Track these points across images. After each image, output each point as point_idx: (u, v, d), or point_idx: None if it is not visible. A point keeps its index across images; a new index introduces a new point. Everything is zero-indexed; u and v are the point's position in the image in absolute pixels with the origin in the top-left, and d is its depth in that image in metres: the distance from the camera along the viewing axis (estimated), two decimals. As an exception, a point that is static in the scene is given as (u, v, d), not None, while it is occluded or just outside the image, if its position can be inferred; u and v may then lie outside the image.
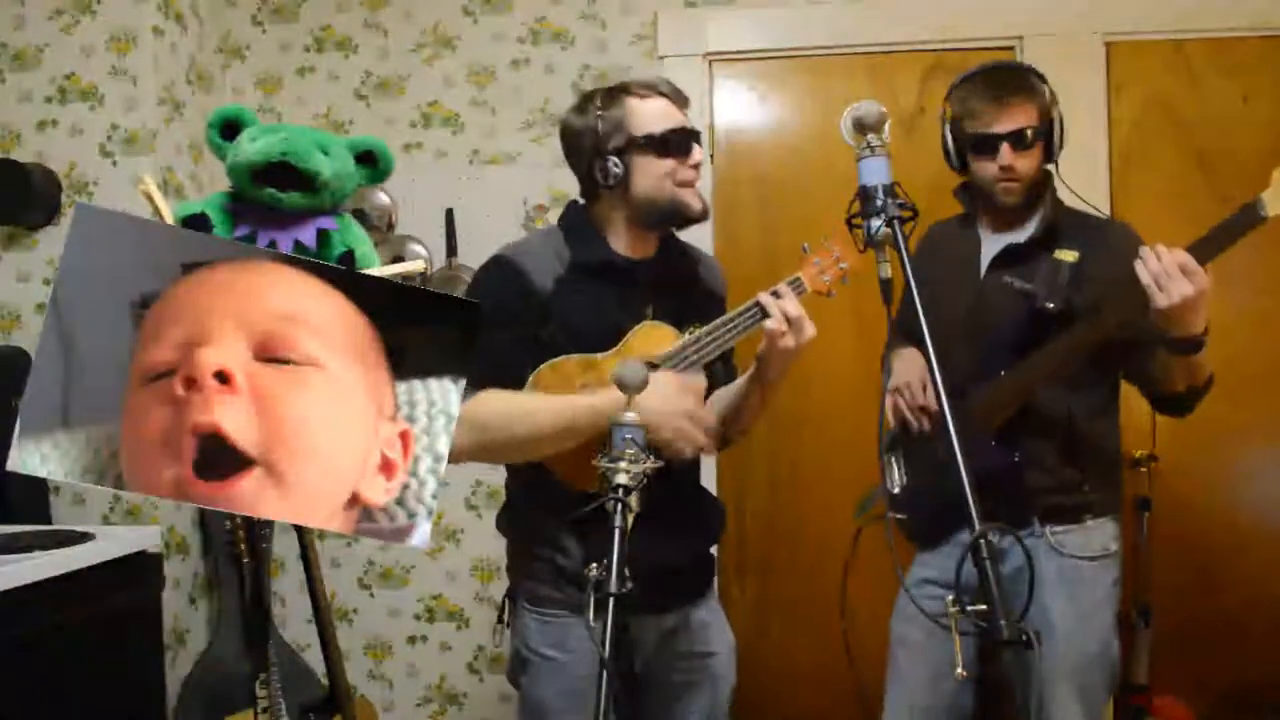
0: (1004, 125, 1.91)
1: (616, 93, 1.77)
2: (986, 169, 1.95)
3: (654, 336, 1.76)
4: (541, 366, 1.70)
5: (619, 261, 1.79)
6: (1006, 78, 1.97)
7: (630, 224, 1.79)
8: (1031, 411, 1.92)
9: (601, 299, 1.75)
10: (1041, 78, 1.98)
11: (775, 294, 1.71)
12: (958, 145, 2.00)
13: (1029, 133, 1.91)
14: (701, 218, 1.79)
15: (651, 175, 1.74)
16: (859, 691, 2.01)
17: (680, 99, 1.79)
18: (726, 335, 1.74)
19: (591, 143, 1.75)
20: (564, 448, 1.65)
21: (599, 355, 1.72)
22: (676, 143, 1.74)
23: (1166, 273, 1.70)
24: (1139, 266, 1.72)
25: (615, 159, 1.73)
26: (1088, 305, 1.87)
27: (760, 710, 2.80)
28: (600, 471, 1.34)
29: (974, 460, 1.21)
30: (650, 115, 1.74)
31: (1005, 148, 1.91)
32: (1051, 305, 1.88)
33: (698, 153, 1.77)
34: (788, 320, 1.67)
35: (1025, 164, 1.93)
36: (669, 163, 1.74)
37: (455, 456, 1.34)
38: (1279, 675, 2.67)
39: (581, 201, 1.86)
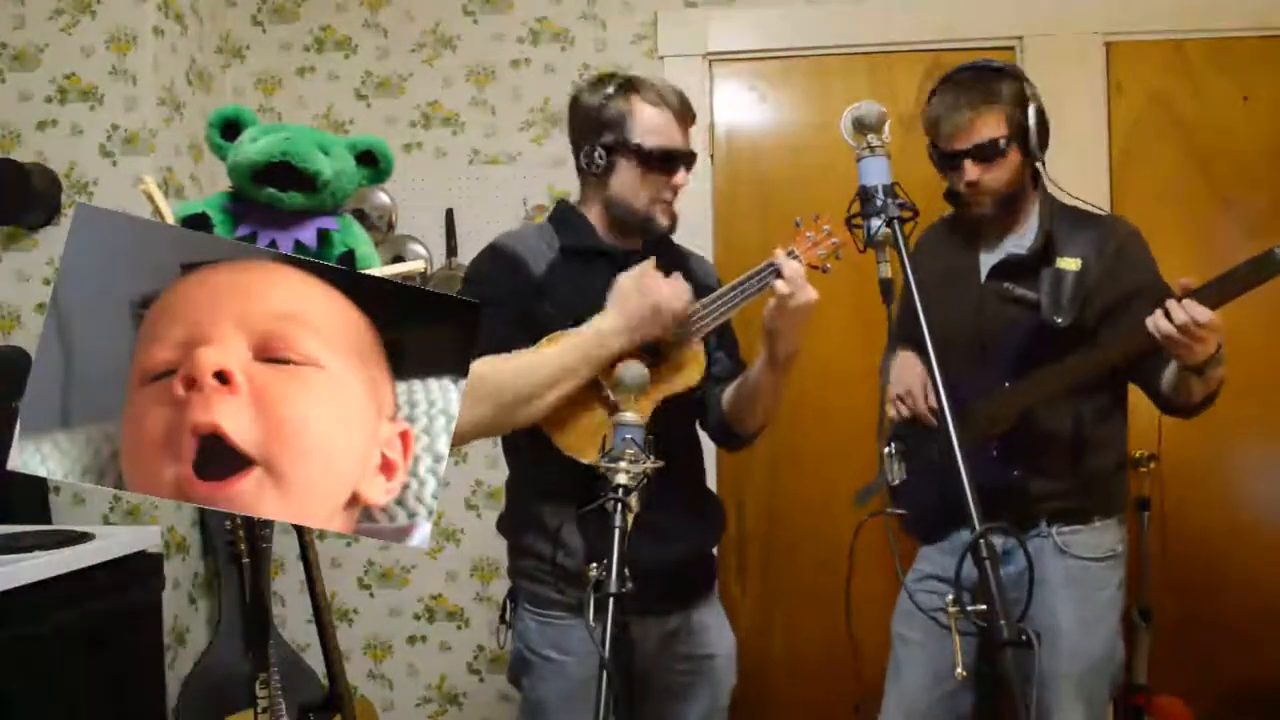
0: (964, 141, 1.88)
1: (631, 87, 1.77)
2: (955, 183, 1.95)
3: None
4: (539, 343, 1.70)
5: (608, 248, 1.80)
6: (969, 86, 1.91)
7: (606, 216, 1.81)
8: (1037, 418, 1.91)
9: (593, 281, 1.75)
10: (1014, 75, 1.93)
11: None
12: (931, 156, 1.99)
13: (998, 142, 1.88)
14: (668, 233, 1.82)
15: (630, 183, 1.76)
16: (861, 689, 2.01)
17: (687, 115, 1.79)
18: (738, 297, 1.73)
19: (590, 125, 1.77)
20: (566, 390, 1.65)
21: None
22: (665, 163, 1.75)
23: (1184, 332, 1.68)
24: (1151, 324, 1.71)
25: (603, 151, 1.75)
26: (1093, 319, 1.87)
27: (762, 707, 2.80)
28: (600, 470, 1.34)
29: (974, 471, 1.21)
30: (651, 126, 1.74)
31: (967, 164, 1.89)
32: (1059, 320, 1.87)
33: (682, 176, 1.77)
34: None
35: (993, 176, 1.90)
36: (651, 178, 1.75)
37: (458, 434, 1.33)
38: (1279, 675, 2.67)
39: (570, 200, 1.89)
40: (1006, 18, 2.80)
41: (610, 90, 1.77)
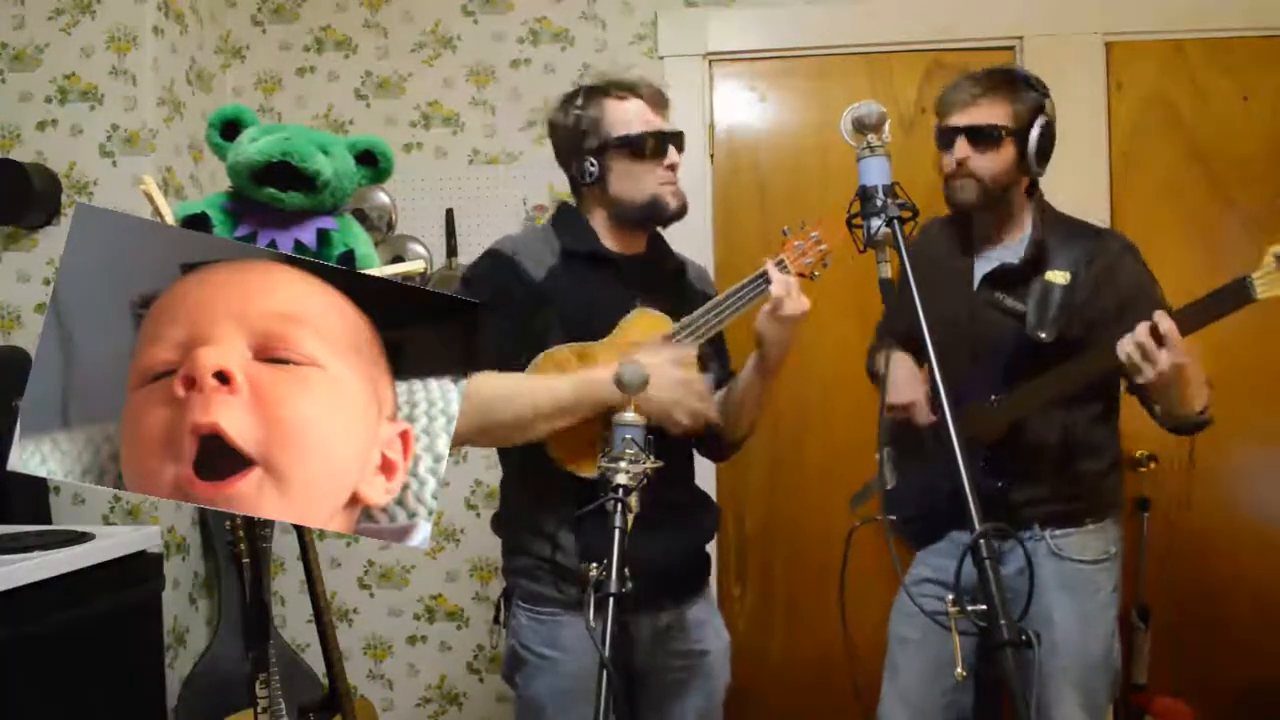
0: (964, 119, 1.89)
1: (596, 92, 1.80)
2: (944, 163, 1.94)
3: (647, 323, 1.77)
4: (538, 357, 1.71)
5: (608, 254, 1.81)
6: (989, 77, 1.93)
7: (612, 221, 1.81)
8: (1025, 428, 1.90)
9: (593, 288, 1.77)
10: (1037, 86, 1.93)
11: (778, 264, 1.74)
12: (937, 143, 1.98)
13: (995, 129, 1.87)
14: (679, 215, 1.82)
15: (627, 177, 1.77)
16: (857, 691, 2.01)
17: (659, 101, 1.81)
18: (733, 306, 1.74)
19: (570, 142, 1.80)
20: (558, 425, 1.66)
21: (594, 344, 1.74)
22: (651, 146, 1.76)
23: (1141, 349, 1.68)
24: (1119, 347, 1.72)
25: (592, 159, 1.77)
26: (1079, 334, 1.86)
27: (759, 709, 2.80)
28: (600, 469, 1.34)
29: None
30: (625, 117, 1.77)
31: (961, 140, 1.89)
32: (1043, 335, 1.86)
33: (673, 155, 1.79)
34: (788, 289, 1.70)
35: (984, 163, 1.89)
36: (644, 165, 1.77)
37: (454, 439, 1.34)
38: (1279, 675, 2.67)
39: (571, 203, 1.89)
40: (1006, 18, 2.80)
41: (579, 102, 1.80)
